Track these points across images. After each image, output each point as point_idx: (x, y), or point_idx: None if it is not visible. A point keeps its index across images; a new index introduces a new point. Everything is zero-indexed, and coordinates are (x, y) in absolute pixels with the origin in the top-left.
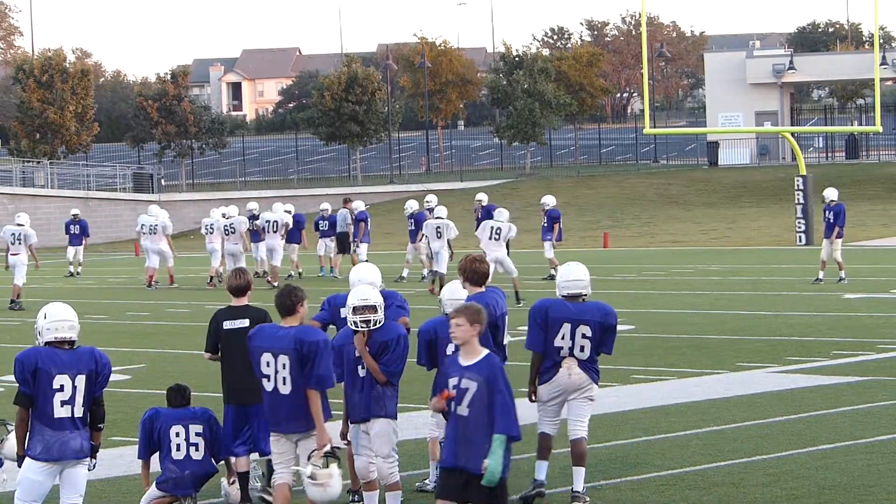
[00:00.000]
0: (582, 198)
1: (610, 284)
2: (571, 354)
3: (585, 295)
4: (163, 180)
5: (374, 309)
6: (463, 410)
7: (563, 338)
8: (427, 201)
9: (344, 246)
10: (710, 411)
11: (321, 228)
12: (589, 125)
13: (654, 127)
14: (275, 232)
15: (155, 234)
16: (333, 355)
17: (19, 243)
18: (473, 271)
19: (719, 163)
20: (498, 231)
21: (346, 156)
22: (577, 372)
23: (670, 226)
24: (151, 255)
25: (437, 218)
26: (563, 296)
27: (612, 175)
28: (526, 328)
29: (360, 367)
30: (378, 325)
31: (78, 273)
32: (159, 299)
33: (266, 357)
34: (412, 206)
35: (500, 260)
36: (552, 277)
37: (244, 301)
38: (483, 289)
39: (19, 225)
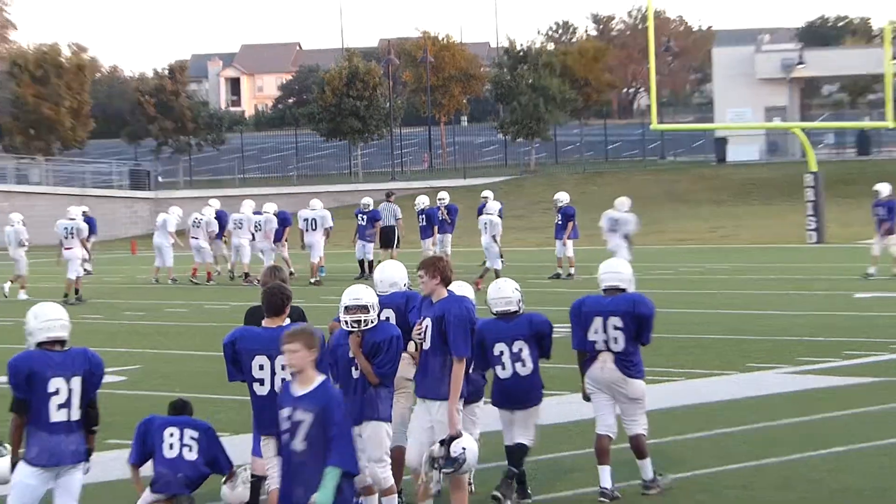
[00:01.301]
0: (587, 195)
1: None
2: (608, 349)
3: (624, 289)
4: (160, 177)
5: (365, 309)
6: (298, 445)
7: (595, 332)
8: (440, 198)
9: (389, 240)
10: (720, 413)
11: (360, 223)
12: (594, 121)
13: (661, 123)
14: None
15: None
16: (328, 356)
17: (72, 237)
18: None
19: (727, 159)
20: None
21: (347, 152)
22: (610, 367)
23: (678, 223)
24: (202, 251)
25: (487, 214)
26: (603, 290)
27: (618, 172)
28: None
29: (353, 369)
30: (370, 326)
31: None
32: (157, 298)
33: (259, 360)
34: (423, 201)
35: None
36: (559, 276)
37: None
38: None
39: (71, 219)
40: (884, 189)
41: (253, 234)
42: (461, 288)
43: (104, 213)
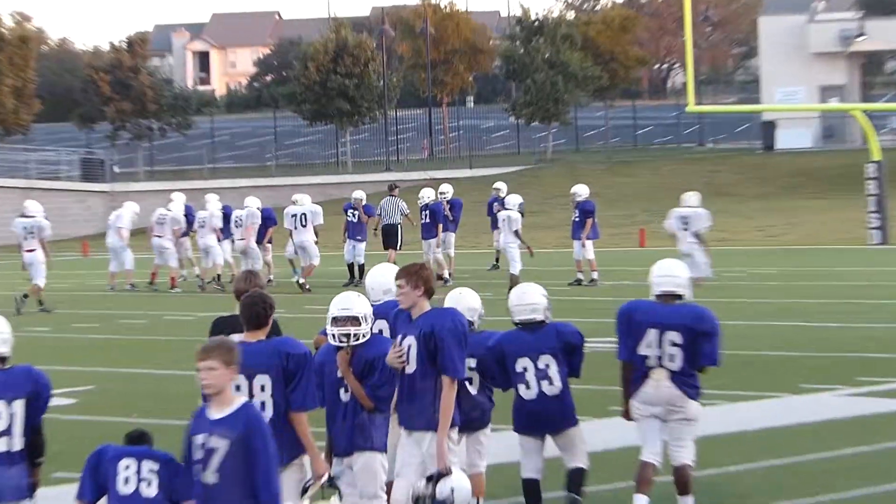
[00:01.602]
0: (614, 188)
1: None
2: (661, 364)
3: (682, 296)
4: (116, 167)
5: (356, 321)
6: (210, 477)
7: (649, 345)
8: (442, 192)
9: (392, 240)
10: (768, 441)
11: (349, 219)
12: (622, 102)
13: (700, 104)
14: (201, 227)
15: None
16: (312, 375)
17: (32, 237)
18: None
19: (776, 146)
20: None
21: (334, 138)
22: (666, 385)
23: (719, 221)
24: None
25: (506, 209)
26: (655, 295)
27: (649, 161)
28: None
29: (342, 391)
30: (362, 341)
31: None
32: (112, 308)
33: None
34: (428, 195)
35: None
36: (580, 283)
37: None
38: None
39: (30, 216)
40: None
41: (220, 234)
42: (464, 295)
43: (52, 209)
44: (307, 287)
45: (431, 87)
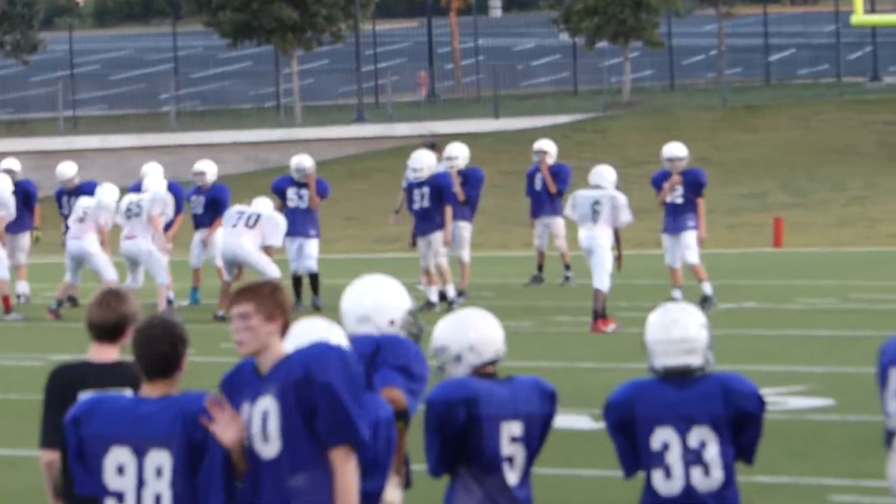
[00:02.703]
0: (730, 150)
1: (786, 318)
2: None
3: None
4: None
5: None
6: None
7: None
8: (449, 156)
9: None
10: None
11: (289, 203)
12: (745, 9)
13: (871, 12)
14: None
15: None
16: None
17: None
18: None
19: None
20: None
21: (273, 69)
22: None
23: None
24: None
25: (594, 188)
26: None
27: (789, 105)
28: None
29: None
30: None
31: None
32: None
33: (118, 455)
34: (424, 162)
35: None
36: (707, 301)
37: (115, 351)
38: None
39: None
40: None
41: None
42: (475, 319)
43: None
44: (219, 314)
45: None
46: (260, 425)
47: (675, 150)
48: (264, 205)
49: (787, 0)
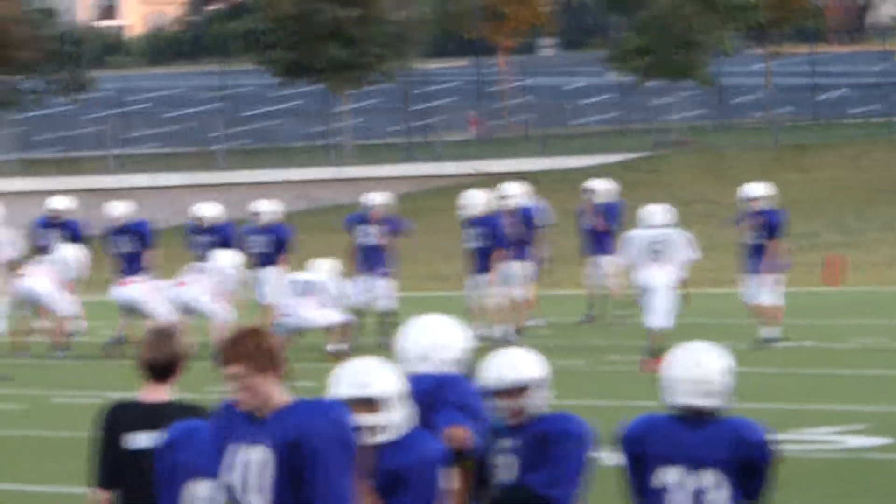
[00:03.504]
0: (781, 189)
1: (840, 356)
2: None
3: None
4: None
5: (372, 405)
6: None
7: None
8: (503, 195)
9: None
10: None
11: (360, 240)
12: (793, 47)
13: None
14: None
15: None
16: None
17: None
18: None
19: None
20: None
21: (324, 108)
22: None
23: None
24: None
25: (651, 227)
26: None
27: (840, 144)
28: None
29: None
30: (388, 437)
31: None
32: None
33: (199, 488)
34: (474, 201)
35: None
36: (770, 341)
37: (166, 391)
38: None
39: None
40: None
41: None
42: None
43: None
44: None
45: (482, 22)
46: (249, 475)
47: (755, 190)
48: (321, 269)
49: (834, 37)
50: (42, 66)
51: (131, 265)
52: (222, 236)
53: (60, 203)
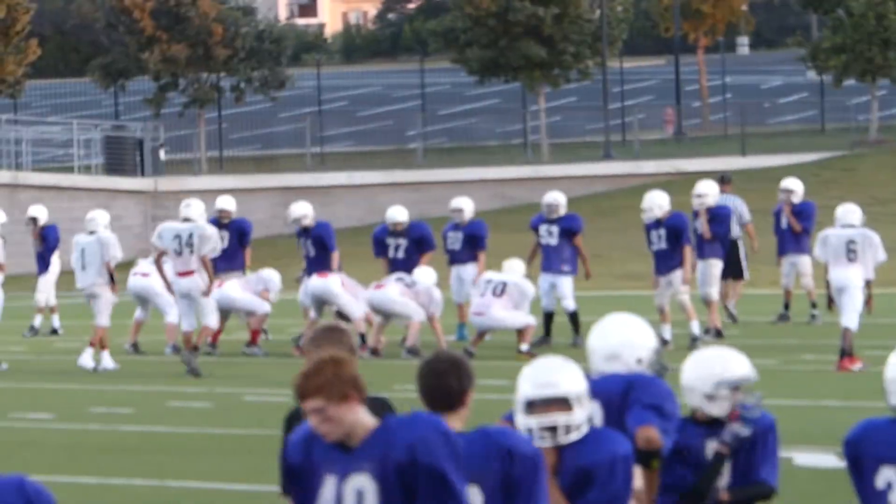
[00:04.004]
0: None
1: None
2: None
3: None
4: (163, 151)
5: (565, 404)
6: None
7: None
8: (698, 194)
9: (732, 263)
10: None
11: (541, 240)
12: None
13: None
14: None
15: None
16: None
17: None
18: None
19: None
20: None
21: (520, 106)
22: None
23: None
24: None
25: (847, 226)
26: None
27: None
28: None
29: None
30: (575, 436)
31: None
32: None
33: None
34: (657, 203)
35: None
36: None
37: None
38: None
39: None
40: None
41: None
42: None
43: (58, 217)
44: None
45: (680, 20)
46: None
47: None
48: (514, 270)
49: None
50: (240, 64)
51: (314, 265)
52: (418, 236)
53: (228, 203)
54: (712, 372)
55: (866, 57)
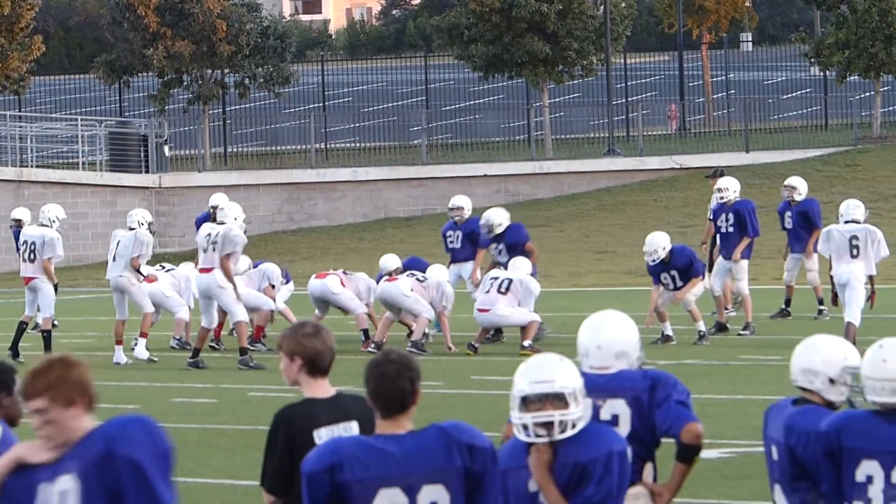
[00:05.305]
0: None
1: None
2: None
3: None
4: (167, 147)
5: (560, 400)
6: None
7: None
8: (720, 188)
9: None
10: None
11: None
12: None
13: None
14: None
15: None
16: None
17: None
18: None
19: None
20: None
21: (524, 102)
22: None
23: None
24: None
25: (851, 222)
26: None
27: None
28: None
29: None
30: (571, 432)
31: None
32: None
33: (388, 497)
34: (660, 245)
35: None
36: None
37: (328, 384)
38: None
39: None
40: None
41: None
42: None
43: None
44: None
45: (683, 17)
46: None
47: None
48: (520, 266)
49: None
50: (244, 60)
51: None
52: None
53: (221, 200)
54: (839, 357)
55: (870, 53)
